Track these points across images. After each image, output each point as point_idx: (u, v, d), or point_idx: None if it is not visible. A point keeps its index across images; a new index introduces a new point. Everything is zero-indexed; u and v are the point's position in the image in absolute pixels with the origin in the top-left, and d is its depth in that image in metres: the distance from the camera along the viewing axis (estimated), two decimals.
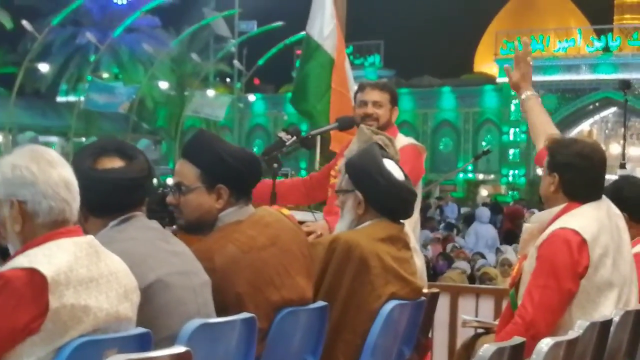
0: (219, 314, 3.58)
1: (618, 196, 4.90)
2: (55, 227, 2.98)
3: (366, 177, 4.25)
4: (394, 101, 5.75)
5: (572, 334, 3.43)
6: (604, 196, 4.50)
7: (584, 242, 4.24)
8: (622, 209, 4.69)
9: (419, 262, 5.00)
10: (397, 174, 4.29)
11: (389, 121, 5.67)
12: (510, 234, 17.05)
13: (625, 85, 21.85)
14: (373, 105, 5.65)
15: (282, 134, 5.53)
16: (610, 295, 4.26)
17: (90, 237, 3.05)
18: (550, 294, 4.22)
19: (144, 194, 3.54)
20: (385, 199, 4.25)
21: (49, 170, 2.97)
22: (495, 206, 30.48)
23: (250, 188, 3.93)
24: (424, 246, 15.92)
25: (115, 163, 3.47)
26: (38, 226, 2.97)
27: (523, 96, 5.32)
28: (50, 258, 2.86)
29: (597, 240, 4.27)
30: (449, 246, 15.91)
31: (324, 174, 5.94)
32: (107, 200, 3.36)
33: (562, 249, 4.24)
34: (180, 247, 3.56)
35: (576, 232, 4.25)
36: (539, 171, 4.63)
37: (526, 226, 4.62)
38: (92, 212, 3.18)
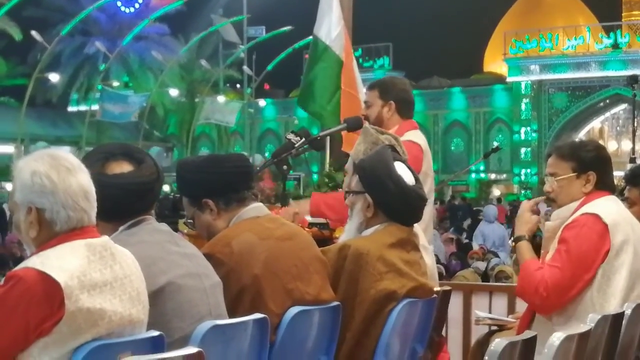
0: (236, 297, 3.63)
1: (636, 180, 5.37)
2: (71, 232, 2.96)
3: (376, 181, 4.17)
4: (386, 95, 5.61)
5: (583, 327, 3.43)
6: None
7: (605, 227, 4.34)
8: None
9: (429, 261, 4.99)
10: (408, 177, 4.21)
11: (379, 117, 5.56)
12: None
13: (634, 80, 21.85)
14: (365, 106, 5.71)
15: (291, 136, 5.53)
16: (625, 279, 4.32)
17: (105, 239, 3.02)
18: (563, 274, 4.32)
19: (154, 197, 3.52)
20: (394, 204, 4.17)
21: (69, 178, 2.95)
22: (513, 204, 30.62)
23: (232, 186, 3.91)
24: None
25: (124, 167, 3.46)
26: (54, 233, 2.95)
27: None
28: (62, 262, 2.85)
29: (618, 226, 4.36)
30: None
31: None
32: (117, 205, 3.34)
33: (584, 235, 4.33)
34: (190, 249, 3.56)
35: (599, 218, 4.35)
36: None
37: (548, 224, 4.64)
38: (102, 217, 3.12)
